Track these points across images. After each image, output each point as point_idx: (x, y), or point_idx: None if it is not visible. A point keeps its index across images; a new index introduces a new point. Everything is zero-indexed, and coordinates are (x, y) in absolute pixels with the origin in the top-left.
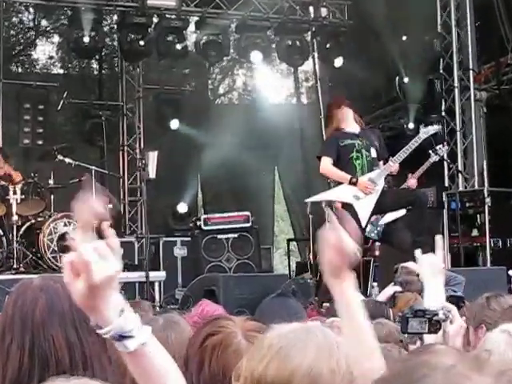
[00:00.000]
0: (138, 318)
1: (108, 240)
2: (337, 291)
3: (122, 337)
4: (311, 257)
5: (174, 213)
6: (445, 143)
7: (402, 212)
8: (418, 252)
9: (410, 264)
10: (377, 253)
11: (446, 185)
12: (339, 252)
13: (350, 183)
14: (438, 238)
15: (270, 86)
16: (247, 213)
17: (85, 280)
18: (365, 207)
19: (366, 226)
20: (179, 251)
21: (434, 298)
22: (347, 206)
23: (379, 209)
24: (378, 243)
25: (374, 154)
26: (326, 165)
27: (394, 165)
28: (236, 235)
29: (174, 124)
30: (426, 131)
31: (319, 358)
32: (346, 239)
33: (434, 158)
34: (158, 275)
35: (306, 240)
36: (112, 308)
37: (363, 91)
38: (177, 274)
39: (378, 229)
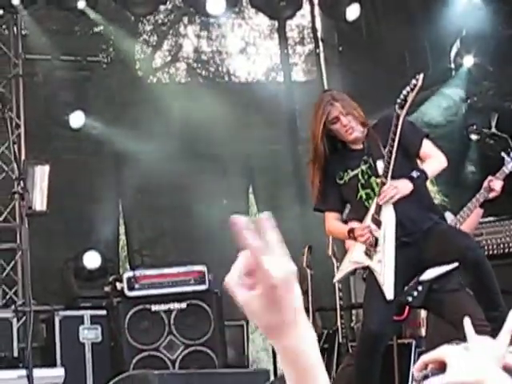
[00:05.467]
0: None
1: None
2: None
3: None
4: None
5: (78, 269)
6: None
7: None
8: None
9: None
10: (422, 331)
11: None
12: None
13: (350, 238)
14: None
15: (240, 52)
16: (202, 267)
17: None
18: (386, 266)
19: (397, 295)
20: (88, 334)
21: None
22: (370, 273)
23: (417, 263)
24: (422, 313)
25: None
26: (329, 224)
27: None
28: (183, 305)
29: (77, 119)
30: None
31: None
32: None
33: (510, 166)
34: (53, 374)
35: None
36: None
37: (397, 61)
38: (84, 373)
39: (419, 288)
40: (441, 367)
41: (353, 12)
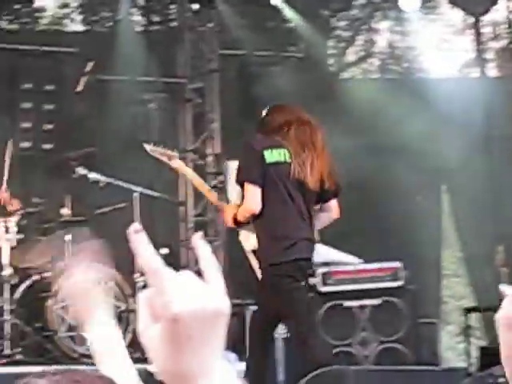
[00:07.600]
0: None
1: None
2: None
3: None
4: None
5: None
6: None
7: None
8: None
9: None
10: None
11: None
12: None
13: None
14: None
15: (434, 48)
16: (396, 263)
17: (162, 315)
18: None
19: None
20: (279, 329)
21: None
22: None
23: None
24: None
25: None
26: None
27: None
28: (377, 302)
29: None
30: None
31: None
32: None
33: None
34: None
35: (496, 310)
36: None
37: None
38: (275, 366)
39: None
40: None
41: None
